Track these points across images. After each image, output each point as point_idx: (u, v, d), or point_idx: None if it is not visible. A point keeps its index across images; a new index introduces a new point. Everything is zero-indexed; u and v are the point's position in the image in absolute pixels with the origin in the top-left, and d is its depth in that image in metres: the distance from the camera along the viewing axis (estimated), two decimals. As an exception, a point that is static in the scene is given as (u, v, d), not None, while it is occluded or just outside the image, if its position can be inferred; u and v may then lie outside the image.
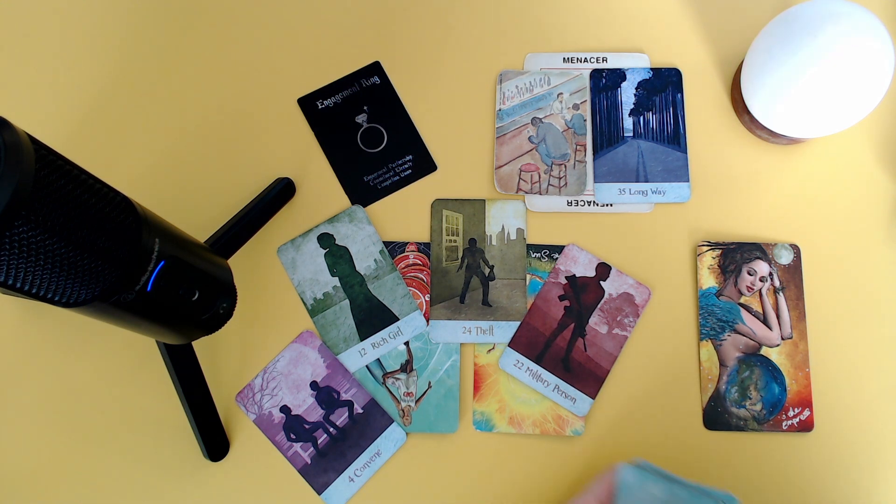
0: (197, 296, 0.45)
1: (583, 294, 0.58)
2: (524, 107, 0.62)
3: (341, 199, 0.61)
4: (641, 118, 0.62)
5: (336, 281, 0.59)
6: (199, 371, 0.54)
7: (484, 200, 0.60)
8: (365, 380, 0.57)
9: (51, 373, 0.58)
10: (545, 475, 0.56)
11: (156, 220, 0.42)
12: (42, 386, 0.58)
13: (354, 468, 0.56)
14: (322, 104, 0.62)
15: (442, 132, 0.62)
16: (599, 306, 0.58)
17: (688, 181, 0.60)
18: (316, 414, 0.56)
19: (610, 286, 0.58)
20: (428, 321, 0.58)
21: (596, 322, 0.58)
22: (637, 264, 0.59)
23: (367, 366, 0.57)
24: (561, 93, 0.62)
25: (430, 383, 0.57)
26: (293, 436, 0.56)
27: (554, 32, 0.64)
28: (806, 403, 0.56)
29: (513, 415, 0.56)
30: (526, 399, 0.57)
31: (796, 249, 0.59)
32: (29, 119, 0.62)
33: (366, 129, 0.62)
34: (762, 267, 0.58)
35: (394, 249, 0.60)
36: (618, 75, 0.63)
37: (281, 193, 0.59)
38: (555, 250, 0.59)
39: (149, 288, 0.41)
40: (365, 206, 0.61)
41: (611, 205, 0.60)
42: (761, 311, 0.58)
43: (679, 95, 0.62)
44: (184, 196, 0.61)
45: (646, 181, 0.60)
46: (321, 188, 0.61)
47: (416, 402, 0.57)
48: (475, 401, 0.57)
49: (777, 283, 0.58)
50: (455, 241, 0.60)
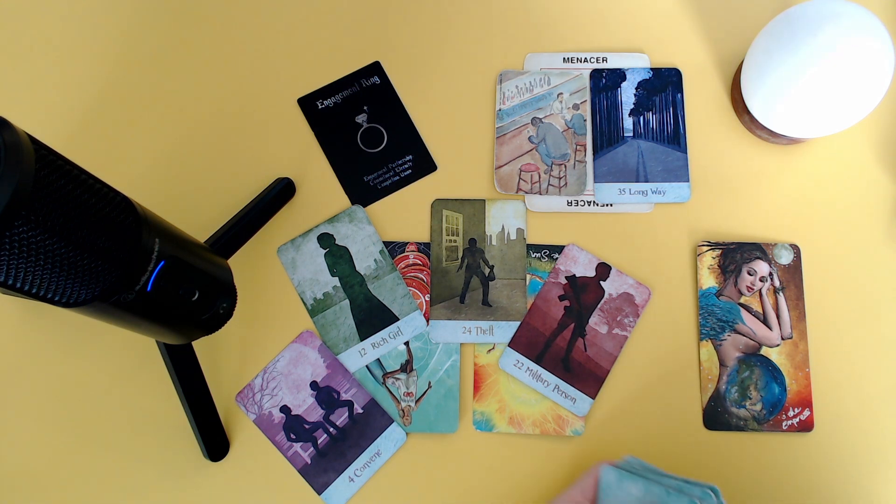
0: (197, 296, 0.45)
1: (583, 294, 0.58)
2: (524, 107, 0.62)
3: (341, 199, 0.61)
4: (641, 118, 0.62)
5: (336, 281, 0.59)
6: (199, 371, 0.54)
7: (484, 200, 0.60)
8: (365, 380, 0.57)
9: (51, 373, 0.58)
10: (545, 475, 0.56)
11: (156, 220, 0.42)
12: (42, 386, 0.58)
13: (354, 468, 0.56)
14: (322, 104, 0.62)
15: (442, 132, 0.62)
16: (599, 306, 0.58)
17: (688, 181, 0.60)
18: (316, 414, 0.56)
19: (610, 286, 0.58)
20: (428, 321, 0.58)
21: (596, 322, 0.58)
22: (637, 264, 0.59)
23: (367, 366, 0.57)
24: (561, 93, 0.62)
25: (430, 383, 0.57)
26: (293, 436, 0.56)
27: (554, 32, 0.64)
28: (806, 403, 0.56)
29: (513, 415, 0.56)
30: (526, 399, 0.57)
31: (796, 249, 0.59)
32: (29, 119, 0.62)
33: (366, 129, 0.62)
34: (762, 267, 0.58)
35: (394, 249, 0.60)
36: (618, 75, 0.63)
37: (281, 193, 0.59)
38: (555, 250, 0.59)
39: (149, 288, 0.41)
40: (365, 206, 0.61)
41: (611, 205, 0.60)
42: (761, 311, 0.58)
43: (679, 95, 0.62)
44: (184, 196, 0.61)
45: (646, 181, 0.60)
46: (321, 188, 0.61)
47: (416, 402, 0.57)
48: (475, 401, 0.57)
49: (777, 283, 0.58)
50: (455, 241, 0.60)
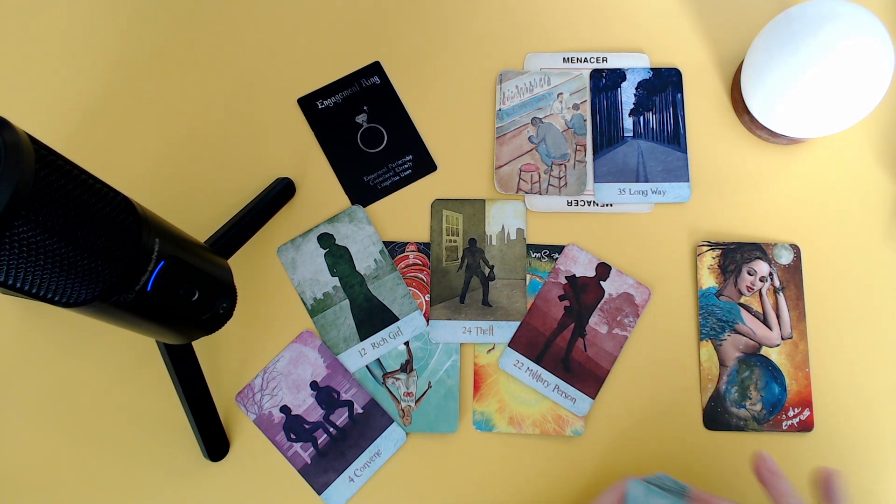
0: (197, 296, 0.45)
1: (583, 294, 0.58)
2: (524, 107, 0.62)
3: (341, 199, 0.61)
4: (641, 118, 0.62)
5: (336, 281, 0.59)
6: (199, 371, 0.54)
7: (484, 200, 0.60)
8: (365, 380, 0.57)
9: (51, 373, 0.58)
10: (545, 475, 0.56)
11: (156, 220, 0.42)
12: (42, 386, 0.58)
13: (354, 468, 0.56)
14: (322, 104, 0.62)
15: (442, 132, 0.62)
16: (599, 306, 0.58)
17: (688, 181, 0.60)
18: (316, 414, 0.56)
19: (610, 286, 0.58)
20: (428, 321, 0.58)
21: (596, 322, 0.58)
22: (637, 264, 0.59)
23: (367, 366, 0.57)
24: (561, 93, 0.62)
25: (430, 383, 0.57)
26: (293, 436, 0.56)
27: (554, 32, 0.64)
28: (806, 403, 0.56)
29: (513, 415, 0.56)
30: (526, 399, 0.57)
31: (796, 249, 0.59)
32: (29, 119, 0.62)
33: (366, 129, 0.62)
34: (762, 267, 0.58)
35: (394, 249, 0.60)
36: (618, 75, 0.63)
37: (281, 193, 0.59)
38: (555, 250, 0.59)
39: (149, 288, 0.41)
40: (365, 206, 0.61)
41: (611, 205, 0.60)
42: (761, 311, 0.58)
43: (679, 95, 0.62)
44: (184, 196, 0.61)
45: (646, 181, 0.60)
46: (321, 188, 0.61)
47: (416, 402, 0.57)
48: (475, 401, 0.57)
49: (777, 283, 0.58)
50: (455, 241, 0.60)
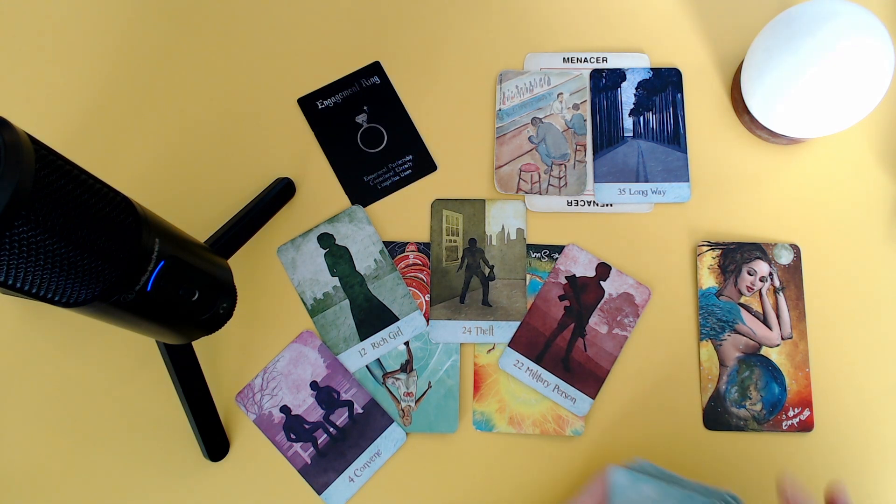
0: (197, 296, 0.45)
1: (583, 294, 0.58)
2: (524, 107, 0.62)
3: (341, 199, 0.61)
4: (641, 118, 0.62)
5: (336, 281, 0.59)
6: (199, 371, 0.54)
7: (484, 200, 0.60)
8: (365, 380, 0.57)
9: (51, 373, 0.58)
10: (545, 475, 0.56)
11: (156, 220, 0.42)
12: (42, 386, 0.58)
13: (354, 468, 0.56)
14: (322, 104, 0.62)
15: (442, 132, 0.62)
16: (599, 306, 0.58)
17: (688, 181, 0.60)
18: (316, 414, 0.56)
19: (610, 286, 0.58)
20: (428, 321, 0.58)
21: (596, 322, 0.58)
22: (637, 264, 0.59)
23: (367, 366, 0.57)
24: (561, 93, 0.62)
25: (430, 383, 0.57)
26: (293, 436, 0.56)
27: (554, 32, 0.64)
28: (806, 403, 0.56)
29: (513, 415, 0.56)
30: (526, 399, 0.57)
31: (796, 249, 0.59)
32: (29, 119, 0.62)
33: (366, 129, 0.62)
34: (762, 267, 0.58)
35: (394, 249, 0.60)
36: (618, 75, 0.63)
37: (281, 193, 0.59)
38: (555, 250, 0.59)
39: (149, 288, 0.41)
40: (365, 206, 0.61)
41: (611, 205, 0.60)
42: (761, 311, 0.58)
43: (679, 95, 0.62)
44: (184, 196, 0.61)
45: (646, 181, 0.60)
46: (321, 188, 0.61)
47: (416, 402, 0.57)
48: (475, 401, 0.57)
49: (777, 283, 0.58)
50: (455, 241, 0.60)
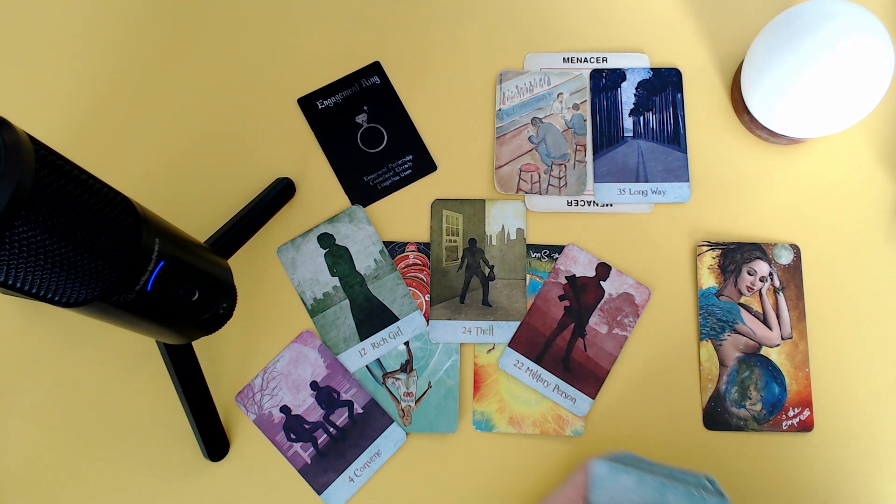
0: (197, 296, 0.45)
1: (583, 294, 0.58)
2: (524, 107, 0.62)
3: (341, 199, 0.61)
4: (641, 118, 0.62)
5: (336, 281, 0.59)
6: (199, 371, 0.54)
7: (484, 200, 0.60)
8: (365, 380, 0.57)
9: (51, 373, 0.58)
10: (545, 475, 0.56)
11: (156, 220, 0.42)
12: (42, 386, 0.58)
13: (354, 468, 0.56)
14: (322, 104, 0.62)
15: (442, 132, 0.62)
16: (599, 306, 0.58)
17: (688, 181, 0.60)
18: (316, 414, 0.56)
19: (610, 286, 0.58)
20: (428, 321, 0.58)
21: (596, 322, 0.58)
22: (637, 264, 0.59)
23: (367, 366, 0.57)
24: (561, 93, 0.62)
25: (430, 383, 0.57)
26: (293, 436, 0.56)
27: (554, 32, 0.64)
28: (806, 403, 0.56)
29: (513, 415, 0.56)
30: (526, 399, 0.57)
31: (796, 249, 0.59)
32: (29, 119, 0.62)
33: (366, 129, 0.62)
34: (762, 267, 0.58)
35: (394, 249, 0.60)
36: (618, 75, 0.63)
37: (281, 193, 0.59)
38: (555, 250, 0.59)
39: (149, 288, 0.41)
40: (365, 206, 0.61)
41: (611, 205, 0.60)
42: (761, 311, 0.58)
43: (679, 95, 0.62)
44: (184, 196, 0.61)
45: (646, 181, 0.60)
46: (321, 188, 0.61)
47: (416, 402, 0.57)
48: (475, 401, 0.57)
49: (777, 283, 0.58)
50: (455, 241, 0.60)
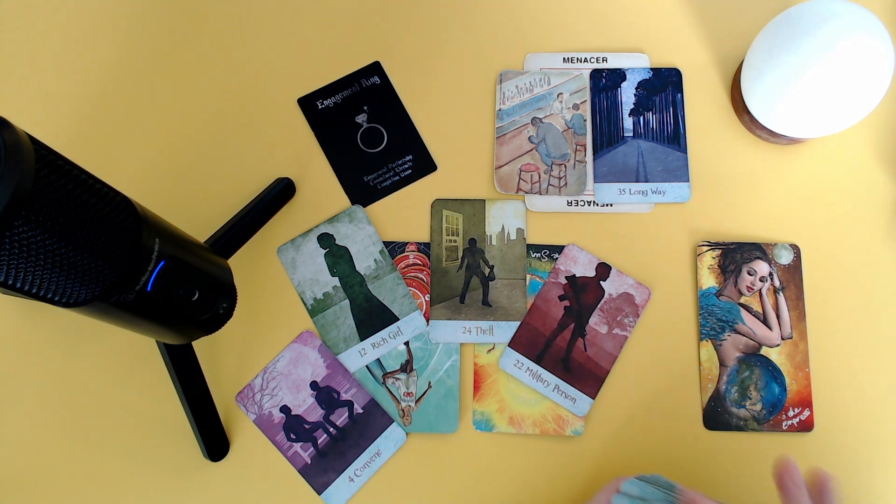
0: (197, 296, 0.45)
1: (583, 294, 0.58)
2: (524, 107, 0.62)
3: (341, 199, 0.61)
4: (641, 118, 0.62)
5: (336, 281, 0.59)
6: (199, 371, 0.54)
7: (484, 200, 0.60)
8: (365, 380, 0.57)
9: (51, 373, 0.58)
10: (545, 475, 0.56)
11: (156, 220, 0.42)
12: (42, 386, 0.58)
13: (354, 468, 0.56)
14: (322, 104, 0.62)
15: (442, 132, 0.62)
16: (599, 306, 0.58)
17: (688, 181, 0.60)
18: (316, 414, 0.56)
19: (610, 286, 0.58)
20: (428, 321, 0.58)
21: (596, 322, 0.58)
22: (637, 264, 0.59)
23: (367, 366, 0.57)
24: (561, 93, 0.62)
25: (430, 383, 0.57)
26: (293, 436, 0.56)
27: (554, 32, 0.64)
28: (806, 403, 0.56)
29: (513, 415, 0.56)
30: (526, 399, 0.57)
31: (796, 249, 0.59)
32: (29, 119, 0.62)
33: (366, 129, 0.62)
34: (762, 267, 0.58)
35: (394, 249, 0.60)
36: (618, 75, 0.63)
37: (281, 193, 0.59)
38: (555, 250, 0.59)
39: (149, 288, 0.41)
40: (365, 206, 0.61)
41: (611, 205, 0.60)
42: (761, 311, 0.58)
43: (679, 95, 0.62)
44: (184, 196, 0.61)
45: (646, 181, 0.60)
46: (321, 188, 0.61)
47: (416, 402, 0.57)
48: (475, 401, 0.57)
49: (777, 283, 0.58)
50: (455, 241, 0.60)
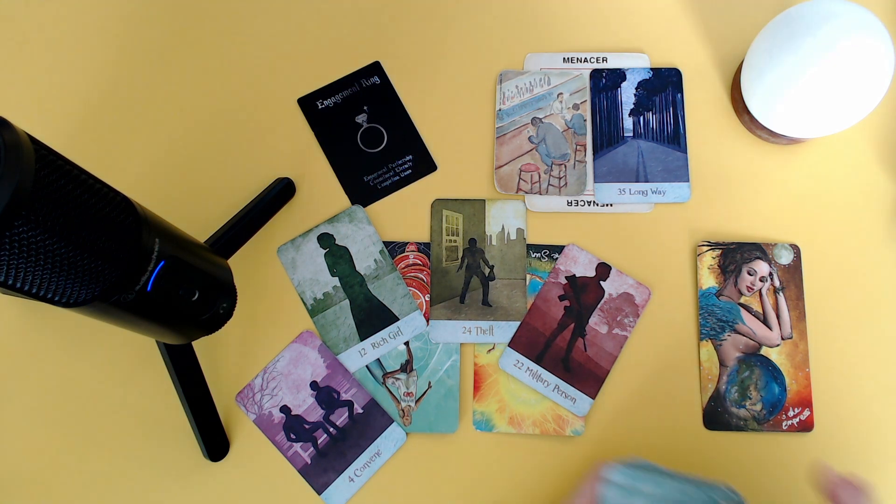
0: (197, 296, 0.45)
1: (583, 294, 0.58)
2: (524, 107, 0.62)
3: (341, 199, 0.61)
4: (641, 118, 0.62)
5: (336, 281, 0.59)
6: (199, 371, 0.54)
7: (484, 200, 0.60)
8: (365, 380, 0.57)
9: (51, 373, 0.58)
10: (545, 475, 0.56)
11: (156, 220, 0.42)
12: (42, 386, 0.58)
13: (354, 468, 0.56)
14: (322, 104, 0.62)
15: (442, 132, 0.62)
16: (599, 306, 0.58)
17: (688, 181, 0.60)
18: (316, 414, 0.56)
19: (610, 286, 0.58)
20: (428, 321, 0.58)
21: (596, 322, 0.58)
22: (637, 264, 0.59)
23: (367, 366, 0.57)
24: (561, 93, 0.62)
25: (430, 383, 0.57)
26: (293, 436, 0.56)
27: (554, 32, 0.64)
28: (806, 403, 0.56)
29: (513, 415, 0.56)
30: (526, 399, 0.57)
31: (796, 249, 0.59)
32: (29, 119, 0.62)
33: (366, 129, 0.62)
34: (762, 267, 0.58)
35: (394, 249, 0.60)
36: (618, 75, 0.63)
37: (281, 193, 0.59)
38: (555, 250, 0.59)
39: (149, 288, 0.41)
40: (365, 206, 0.61)
41: (611, 205, 0.60)
42: (761, 311, 0.58)
43: (679, 95, 0.62)
44: (184, 196, 0.61)
45: (646, 181, 0.60)
46: (321, 188, 0.61)
47: (416, 402, 0.57)
48: (475, 401, 0.57)
49: (777, 283, 0.58)
50: (455, 241, 0.60)
